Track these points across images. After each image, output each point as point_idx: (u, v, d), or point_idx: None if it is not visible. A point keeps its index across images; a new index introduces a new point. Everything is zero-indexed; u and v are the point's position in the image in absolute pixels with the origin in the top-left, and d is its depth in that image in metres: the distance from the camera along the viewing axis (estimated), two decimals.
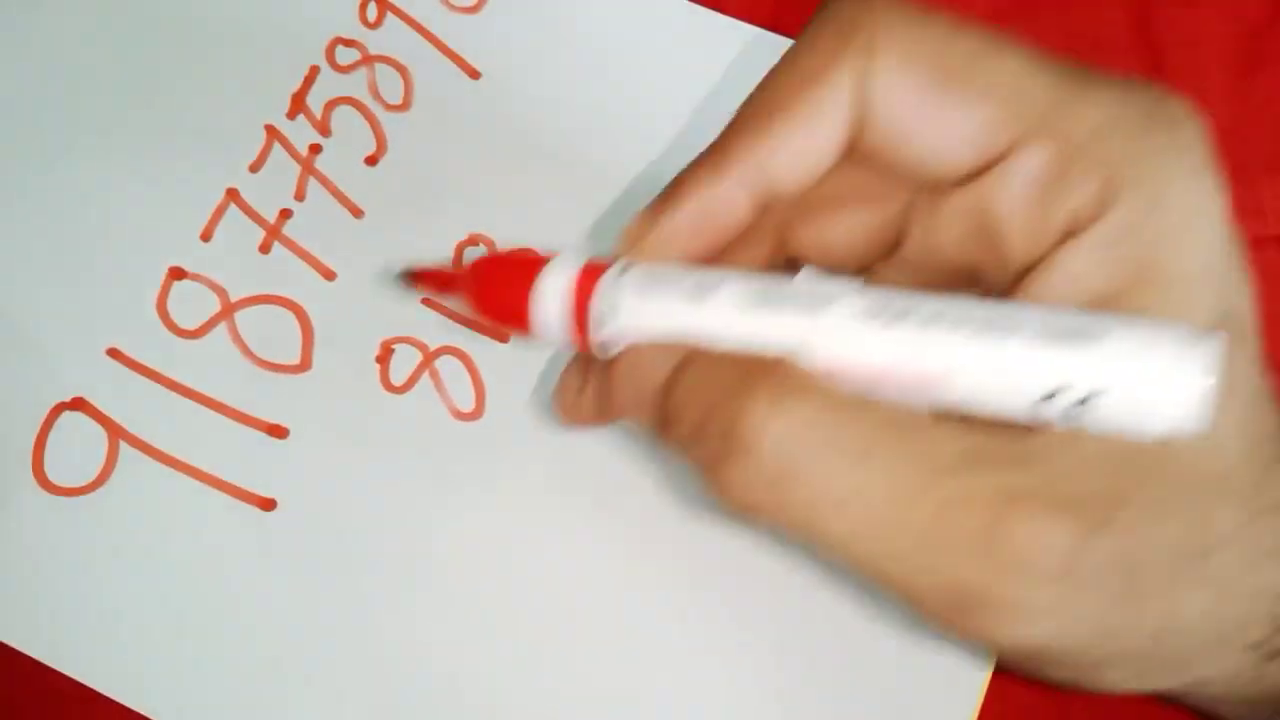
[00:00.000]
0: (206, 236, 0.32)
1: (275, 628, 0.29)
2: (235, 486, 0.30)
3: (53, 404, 0.31)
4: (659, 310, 0.20)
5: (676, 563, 0.29)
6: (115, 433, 0.30)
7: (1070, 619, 0.18)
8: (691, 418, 0.19)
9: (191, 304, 0.32)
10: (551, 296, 0.21)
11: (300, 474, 0.30)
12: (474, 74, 0.34)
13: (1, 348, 0.31)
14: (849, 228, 0.22)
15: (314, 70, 0.34)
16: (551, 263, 0.21)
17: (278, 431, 0.30)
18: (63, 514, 0.30)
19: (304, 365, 0.31)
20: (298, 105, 0.34)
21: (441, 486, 0.30)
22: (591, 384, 0.22)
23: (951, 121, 0.19)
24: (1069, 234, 0.19)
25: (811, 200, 0.21)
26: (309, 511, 0.30)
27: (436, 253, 0.32)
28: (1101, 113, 0.19)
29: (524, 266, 0.22)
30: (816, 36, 0.20)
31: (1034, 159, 0.19)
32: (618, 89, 0.33)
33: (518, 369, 0.31)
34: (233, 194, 0.33)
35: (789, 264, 0.23)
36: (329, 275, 0.32)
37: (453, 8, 0.35)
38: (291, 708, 0.28)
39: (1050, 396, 0.18)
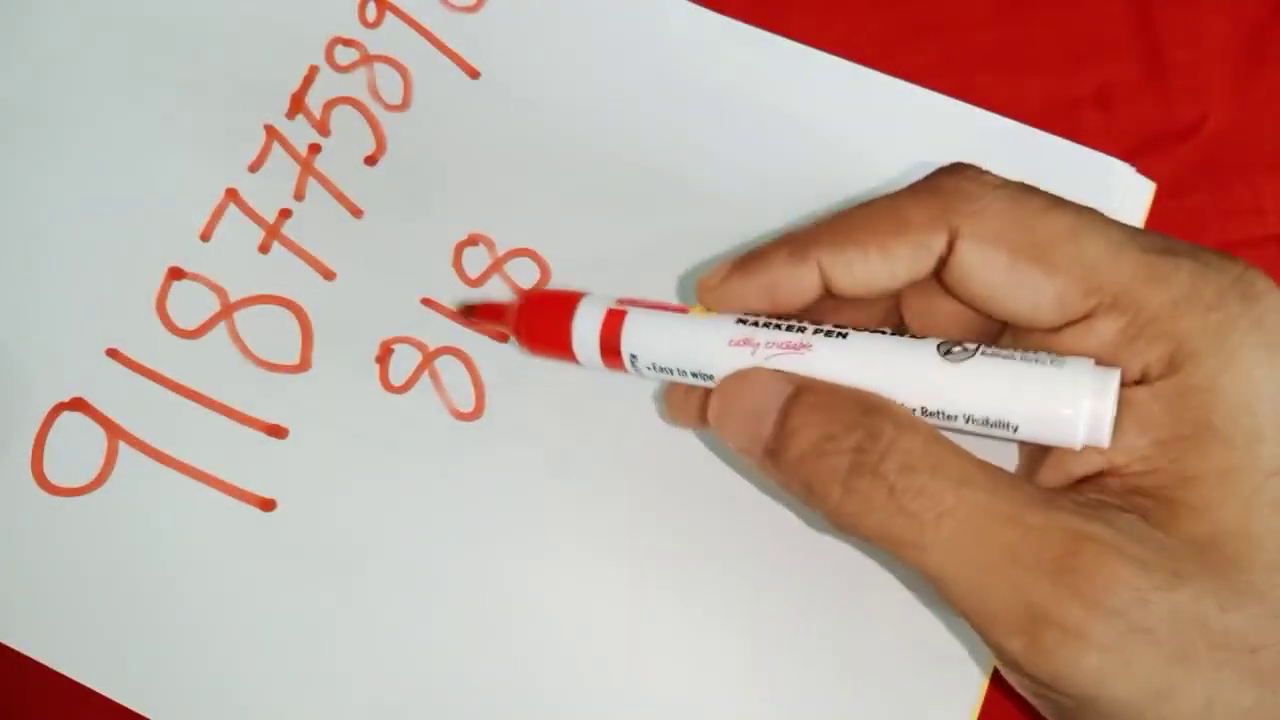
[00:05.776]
0: (206, 236, 0.32)
1: (274, 627, 0.29)
2: (234, 487, 0.30)
3: (52, 404, 0.31)
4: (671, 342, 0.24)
5: (675, 562, 0.29)
6: (114, 433, 0.30)
7: (1125, 661, 0.19)
8: (811, 437, 0.22)
9: (191, 304, 0.32)
10: (587, 337, 0.25)
11: (300, 474, 0.30)
12: (473, 73, 0.34)
13: (1, 347, 0.31)
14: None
15: (313, 70, 0.34)
16: (580, 306, 0.25)
17: (277, 432, 0.30)
18: (62, 514, 0.30)
19: (303, 365, 0.31)
20: (297, 105, 0.34)
21: (441, 486, 0.30)
22: (695, 395, 0.26)
23: (1036, 289, 0.22)
24: (1138, 382, 0.21)
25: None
26: (308, 511, 0.30)
27: (435, 252, 0.32)
28: (1178, 289, 0.21)
29: (558, 305, 0.26)
30: (926, 193, 0.23)
31: (1109, 326, 0.21)
32: (618, 89, 0.33)
33: (517, 369, 0.31)
34: (232, 194, 0.33)
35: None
36: (328, 275, 0.32)
37: (452, 7, 0.34)
38: (290, 707, 0.28)
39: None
